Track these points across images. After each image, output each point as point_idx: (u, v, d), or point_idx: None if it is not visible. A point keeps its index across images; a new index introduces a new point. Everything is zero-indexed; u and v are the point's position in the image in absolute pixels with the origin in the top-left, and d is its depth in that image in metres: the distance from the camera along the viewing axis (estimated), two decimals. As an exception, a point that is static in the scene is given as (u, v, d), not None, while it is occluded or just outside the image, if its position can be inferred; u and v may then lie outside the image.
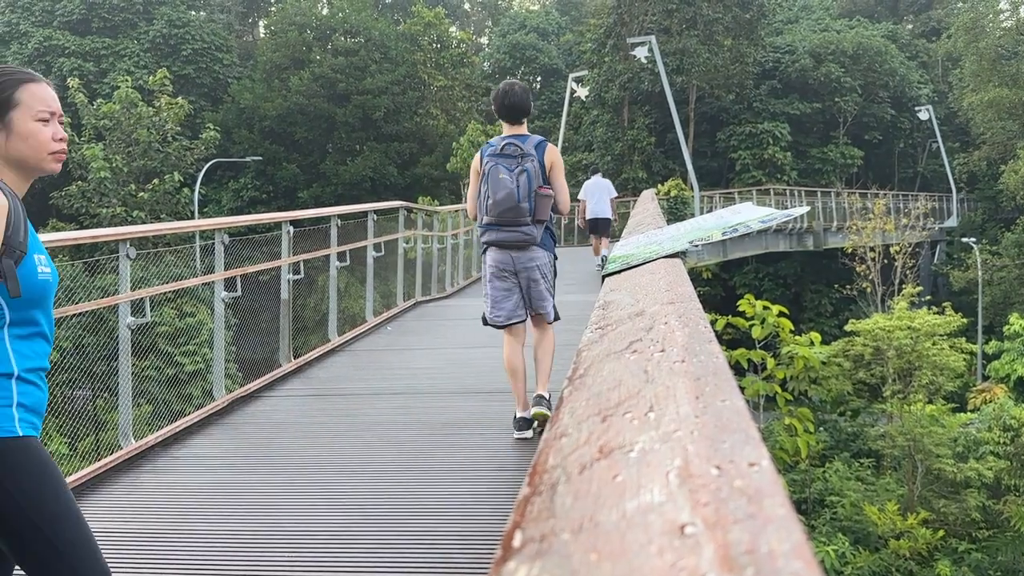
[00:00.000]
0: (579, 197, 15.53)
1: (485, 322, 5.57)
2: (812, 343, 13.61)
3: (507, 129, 5.39)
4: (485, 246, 5.42)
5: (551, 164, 5.27)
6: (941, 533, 17.47)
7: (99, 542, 4.39)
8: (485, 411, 6.34)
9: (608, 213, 15.38)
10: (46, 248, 2.37)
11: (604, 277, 2.51)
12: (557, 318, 5.57)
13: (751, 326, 11.41)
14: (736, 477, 0.67)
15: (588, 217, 15.38)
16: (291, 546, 4.15)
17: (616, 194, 16.23)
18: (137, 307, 6.25)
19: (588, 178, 16.00)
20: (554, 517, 0.65)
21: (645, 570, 0.53)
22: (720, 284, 35.16)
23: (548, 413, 5.30)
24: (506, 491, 4.55)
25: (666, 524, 0.59)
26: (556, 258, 5.55)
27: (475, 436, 5.71)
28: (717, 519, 0.59)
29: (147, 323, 6.44)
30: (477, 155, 5.40)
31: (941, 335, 21.08)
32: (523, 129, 5.40)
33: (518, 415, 5.49)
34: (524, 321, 5.50)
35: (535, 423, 5.47)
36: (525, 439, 5.44)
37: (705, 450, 0.74)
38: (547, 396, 5.42)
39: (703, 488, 0.65)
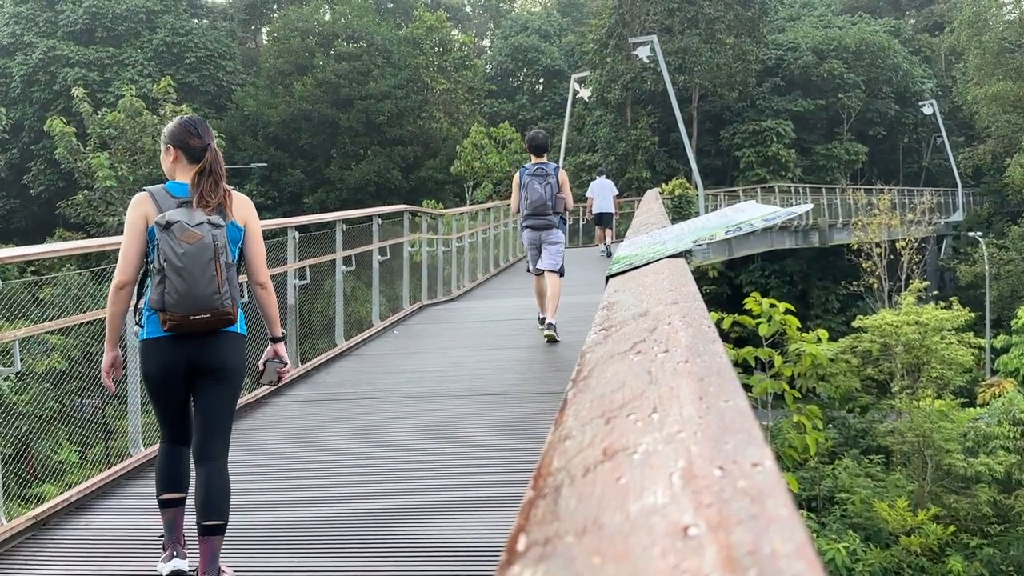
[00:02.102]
0: (587, 195, 19.71)
1: (528, 271, 9.23)
2: (819, 340, 13.59)
3: (534, 158, 8.81)
4: (524, 227, 8.85)
5: (562, 181, 8.76)
6: (952, 529, 17.39)
7: (111, 549, 4.41)
8: (491, 414, 6.35)
9: (611, 208, 19.16)
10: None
11: (608, 278, 2.51)
12: (562, 274, 8.96)
13: (758, 324, 11.38)
14: (739, 478, 0.67)
15: (594, 212, 19.16)
16: (299, 549, 4.16)
17: (617, 193, 20.25)
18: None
19: (594, 179, 19.86)
20: (558, 520, 0.66)
21: (648, 572, 0.54)
22: (726, 282, 35.09)
23: (554, 333, 8.69)
24: (512, 494, 4.55)
25: (669, 526, 0.59)
26: (566, 234, 9.41)
27: (481, 439, 5.72)
28: (720, 520, 0.59)
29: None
30: (517, 174, 8.84)
31: (949, 330, 21.00)
32: (544, 159, 8.79)
33: (540, 316, 9.10)
34: (544, 272, 8.84)
35: (548, 332, 8.70)
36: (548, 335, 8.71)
37: (708, 451, 0.74)
38: (554, 323, 8.76)
39: (706, 489, 0.65)
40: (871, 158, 44.32)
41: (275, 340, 4.12)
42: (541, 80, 52.23)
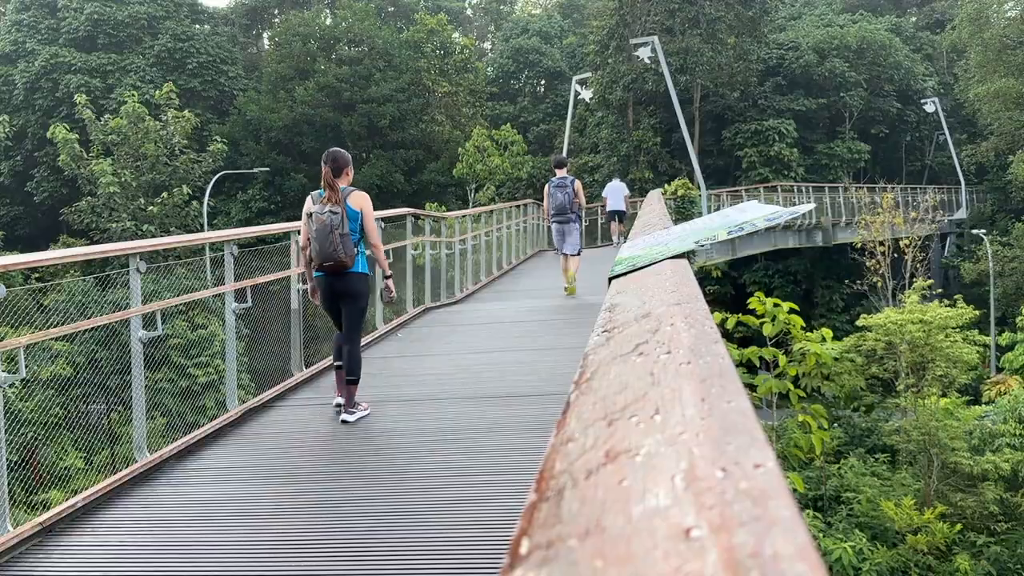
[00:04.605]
0: (603, 195, 23.69)
1: (555, 252, 13.50)
2: (824, 339, 13.53)
3: (557, 172, 12.60)
4: (552, 223, 12.68)
5: (577, 190, 12.48)
6: (959, 527, 17.33)
7: (116, 554, 4.42)
8: (495, 416, 6.34)
9: (623, 207, 22.66)
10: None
11: (611, 279, 2.51)
12: (580, 252, 13.01)
13: (762, 323, 11.35)
14: (741, 479, 0.67)
15: (608, 209, 23.01)
16: (304, 554, 4.16)
17: (629, 193, 23.74)
18: (149, 320, 6.28)
19: (610, 181, 24.21)
20: (561, 523, 0.65)
21: (651, 575, 0.54)
22: (730, 282, 35.05)
23: (573, 288, 12.77)
24: (515, 496, 4.55)
25: (671, 528, 0.59)
26: (580, 226, 13.04)
27: (485, 441, 5.72)
28: (722, 522, 0.59)
29: (159, 336, 6.48)
30: (547, 185, 12.71)
31: (953, 328, 20.94)
32: (564, 172, 12.63)
33: (563, 285, 12.87)
34: (566, 252, 12.77)
35: (568, 290, 12.74)
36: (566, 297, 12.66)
37: (710, 452, 0.74)
38: (572, 280, 12.77)
39: (708, 491, 0.65)
40: (874, 156, 44.26)
41: (386, 277, 6.91)
42: (542, 82, 52.25)
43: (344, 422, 6.35)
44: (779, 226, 30.23)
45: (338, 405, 6.53)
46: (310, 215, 6.28)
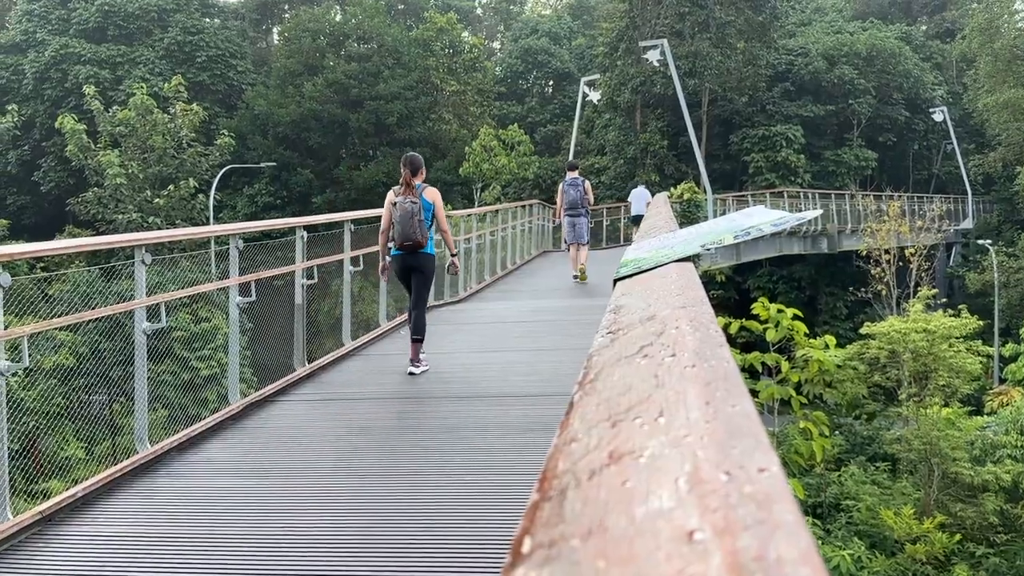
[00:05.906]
0: (628, 200, 25.32)
1: (564, 243, 16.92)
2: (827, 346, 13.51)
3: (569, 174, 15.06)
4: (565, 216, 14.92)
5: (586, 189, 14.94)
6: (958, 537, 17.30)
7: (115, 545, 4.43)
8: (497, 415, 6.34)
9: (644, 212, 22.76)
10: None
11: (616, 281, 2.51)
12: (588, 242, 15.43)
13: (765, 329, 11.34)
14: (745, 483, 0.67)
15: (632, 214, 24.39)
16: (304, 549, 4.16)
17: (650, 199, 23.81)
18: (153, 312, 6.29)
19: (635, 187, 25.40)
20: (563, 523, 0.65)
21: (653, 577, 0.53)
22: (734, 287, 35.00)
23: (583, 278, 14.99)
24: (517, 496, 4.54)
25: (675, 530, 0.59)
26: (588, 221, 15.40)
27: (487, 440, 5.71)
28: (726, 525, 0.59)
29: (163, 328, 6.48)
30: (561, 184, 15.18)
31: (957, 338, 20.90)
32: (575, 174, 15.02)
33: (573, 274, 15.26)
34: (574, 243, 15.07)
35: (577, 278, 14.98)
36: (577, 284, 14.86)
37: (715, 455, 0.74)
38: (583, 270, 15.01)
39: (712, 494, 0.64)
40: (881, 164, 44.17)
41: (452, 255, 8.51)
42: (551, 83, 52.24)
43: (410, 374, 7.71)
44: (785, 231, 30.19)
45: (411, 367, 7.71)
46: (394, 204, 7.73)
